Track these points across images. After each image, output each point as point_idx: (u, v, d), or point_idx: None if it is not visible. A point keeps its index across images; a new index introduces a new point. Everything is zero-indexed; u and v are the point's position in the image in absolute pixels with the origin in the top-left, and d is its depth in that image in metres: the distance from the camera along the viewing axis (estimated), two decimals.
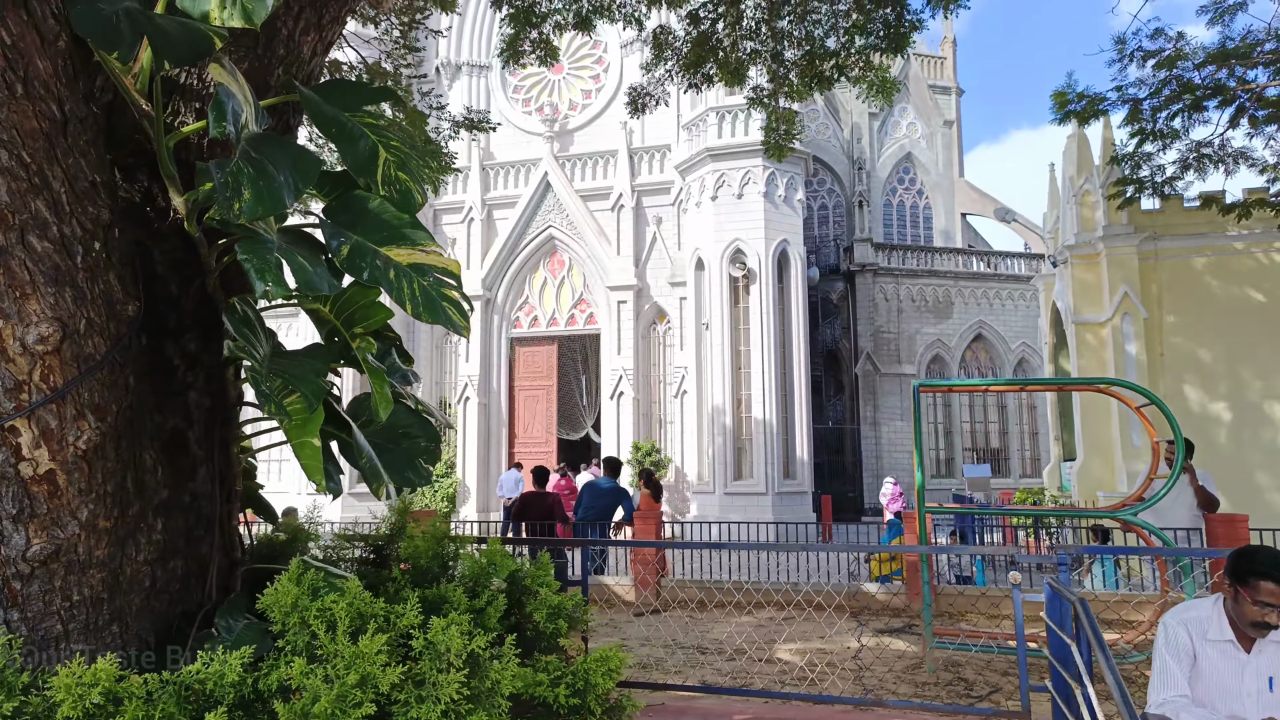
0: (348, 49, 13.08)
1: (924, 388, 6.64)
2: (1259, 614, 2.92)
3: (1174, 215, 13.27)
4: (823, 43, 9.96)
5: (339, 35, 3.60)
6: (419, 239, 2.74)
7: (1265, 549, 3.07)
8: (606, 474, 10.22)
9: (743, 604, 9.59)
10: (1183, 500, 8.69)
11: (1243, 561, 2.99)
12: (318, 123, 2.73)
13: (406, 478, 3.08)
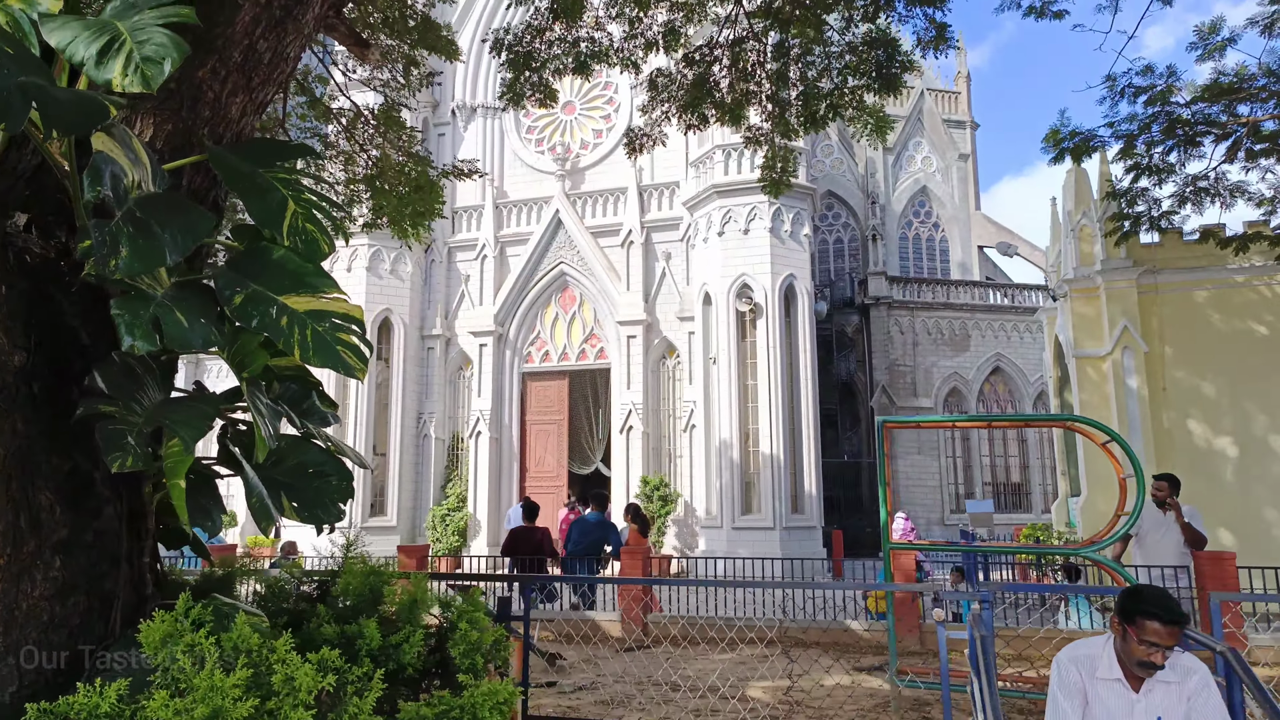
0: (367, 92, 13.54)
1: (889, 424, 6.68)
2: (1145, 653, 2.94)
3: (1173, 249, 13.21)
4: (816, 84, 10.14)
5: (276, 95, 3.81)
6: (322, 286, 2.90)
7: (1152, 588, 3.09)
8: (594, 509, 10.29)
9: (728, 640, 9.56)
10: (1170, 538, 8.60)
11: (1130, 601, 3.02)
12: (226, 178, 2.91)
13: (316, 515, 3.20)
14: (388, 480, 22.57)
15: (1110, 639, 3.10)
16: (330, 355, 2.75)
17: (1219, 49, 12.08)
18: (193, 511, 2.56)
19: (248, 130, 3.59)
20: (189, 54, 3.02)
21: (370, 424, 22.41)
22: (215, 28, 3.37)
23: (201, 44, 3.35)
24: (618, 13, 10.17)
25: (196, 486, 2.73)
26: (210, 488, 2.81)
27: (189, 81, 3.27)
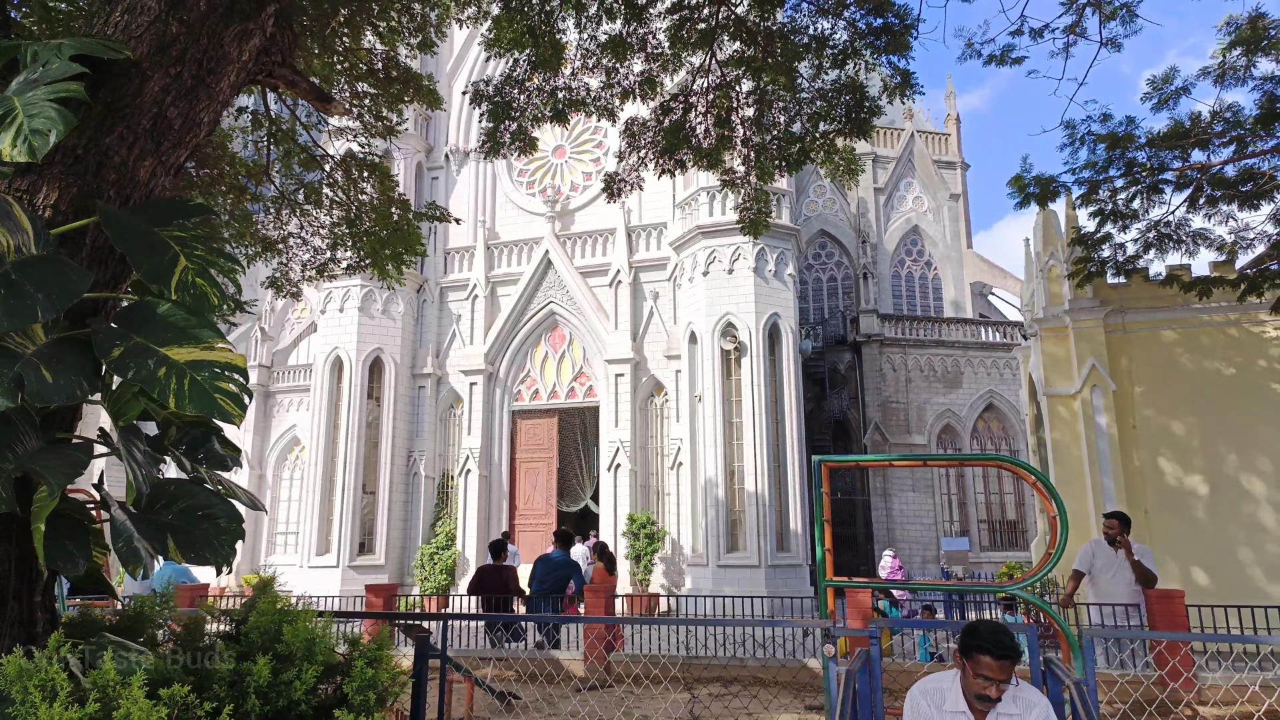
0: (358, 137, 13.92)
1: (827, 463, 6.81)
2: (980, 686, 3.06)
3: (1140, 289, 13.38)
4: (788, 129, 10.43)
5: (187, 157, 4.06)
6: (205, 337, 3.11)
7: (988, 623, 3.22)
8: (558, 547, 10.39)
9: (689, 680, 9.59)
10: (1122, 576, 8.66)
11: (966, 636, 3.15)
12: (114, 237, 3.14)
13: (203, 556, 3.37)
14: (376, 519, 22.66)
15: (959, 673, 3.23)
16: (206, 402, 2.94)
17: (1173, 97, 12.39)
18: (53, 553, 2.74)
19: (159, 190, 3.83)
20: (77, 124, 3.28)
21: (360, 462, 22.57)
22: (124, 97, 3.63)
23: (111, 112, 3.61)
24: (595, 63, 10.51)
25: (62, 529, 2.90)
26: (77, 531, 2.98)
27: (96, 147, 3.52)
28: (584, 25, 10.10)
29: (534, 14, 9.88)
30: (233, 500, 3.52)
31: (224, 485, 3.57)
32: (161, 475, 3.49)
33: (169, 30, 3.74)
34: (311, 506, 22.76)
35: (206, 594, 11.38)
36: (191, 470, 3.47)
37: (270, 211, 12.69)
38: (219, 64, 3.95)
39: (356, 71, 11.26)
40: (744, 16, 9.49)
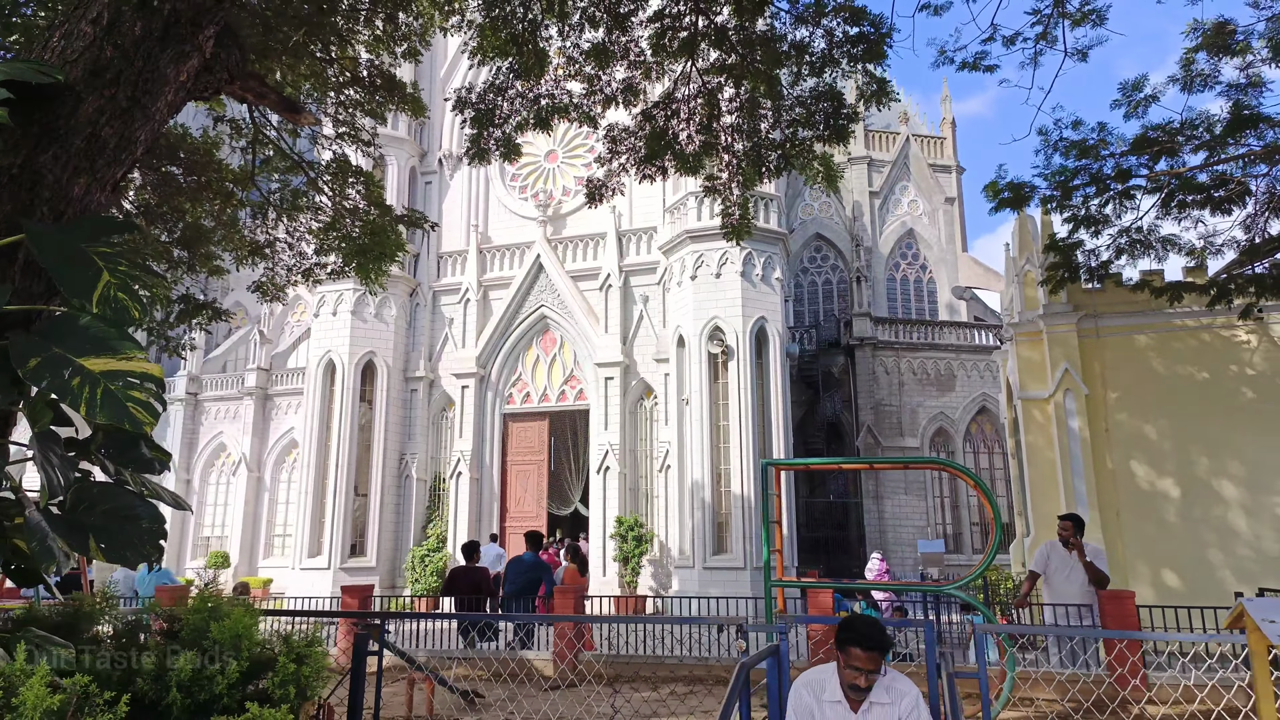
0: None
1: (773, 465, 6.99)
2: (851, 677, 3.24)
3: (1114, 294, 13.51)
4: (768, 135, 10.60)
5: (125, 173, 4.27)
6: (123, 349, 3.31)
7: (861, 618, 3.39)
8: (529, 548, 10.58)
9: (655, 679, 9.76)
10: (1075, 577, 8.80)
11: (841, 630, 3.33)
12: (39, 253, 3.34)
13: (124, 556, 3.55)
14: (368, 521, 22.90)
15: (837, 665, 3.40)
16: (117, 410, 3.14)
17: (1143, 104, 12.54)
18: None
19: (95, 206, 4.03)
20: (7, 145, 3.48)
21: (352, 465, 22.80)
22: (59, 119, 3.84)
23: (46, 133, 3.82)
24: (577, 71, 10.68)
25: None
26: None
27: (30, 166, 3.72)
28: (567, 33, 10.27)
29: (517, 22, 10.07)
30: (156, 502, 3.71)
31: (148, 488, 3.76)
32: (91, 478, 3.69)
33: (103, 54, 3.94)
34: (304, 509, 23.00)
35: (188, 595, 11.59)
36: (115, 474, 3.67)
37: (256, 217, 12.90)
38: (155, 85, 4.15)
39: (342, 80, 11.47)
40: (725, 24, 9.66)
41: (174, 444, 34.15)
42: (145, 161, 11.07)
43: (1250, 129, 11.79)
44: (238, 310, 39.51)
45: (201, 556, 32.49)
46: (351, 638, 10.28)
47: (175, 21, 4.17)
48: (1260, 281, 12.24)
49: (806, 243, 36.30)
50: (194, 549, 33.19)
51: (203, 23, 4.32)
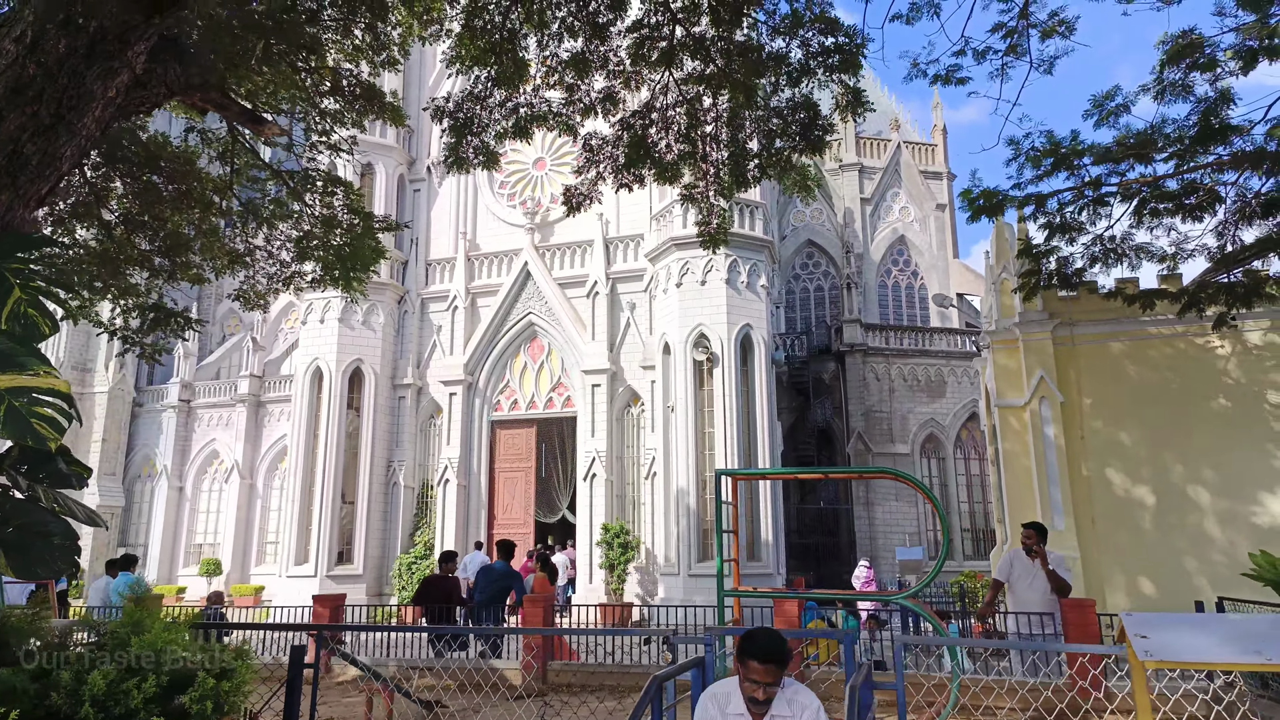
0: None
1: (725, 474, 7.01)
2: (749, 689, 3.27)
3: (1089, 302, 13.53)
4: (745, 145, 10.65)
5: (51, 189, 4.32)
6: (30, 365, 3.35)
7: (762, 631, 3.42)
8: (500, 557, 10.60)
9: (620, 689, 9.76)
10: (1038, 585, 8.81)
11: (741, 643, 3.35)
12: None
13: (34, 571, 3.60)
14: (355, 529, 22.92)
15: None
16: (21, 426, 3.18)
17: (1115, 114, 12.59)
18: None
19: (18, 222, 4.08)
20: None
21: (339, 472, 22.83)
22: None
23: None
24: (557, 80, 10.72)
25: None
26: None
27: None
28: (546, 42, 10.31)
29: (496, 31, 10.11)
30: (69, 518, 3.75)
31: (60, 504, 3.80)
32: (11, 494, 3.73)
33: (26, 72, 3.99)
34: (291, 516, 23.03)
35: (161, 605, 11.62)
36: (28, 489, 3.70)
37: (235, 225, 12.92)
38: (81, 101, 4.20)
39: (322, 89, 11.50)
40: (704, 34, 9.70)
41: (166, 451, 34.22)
42: (127, 170, 11.15)
43: (1219, 140, 11.86)
44: (231, 318, 39.61)
45: (194, 564, 32.50)
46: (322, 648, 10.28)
47: (101, 39, 4.21)
48: (1232, 290, 12.27)
49: (799, 249, 36.37)
50: (187, 556, 33.21)
51: (131, 39, 4.37)
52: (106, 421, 35.01)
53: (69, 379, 35.17)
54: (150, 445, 35.62)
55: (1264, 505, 12.42)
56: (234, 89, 8.25)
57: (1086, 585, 12.81)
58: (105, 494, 34.21)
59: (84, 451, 34.67)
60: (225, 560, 31.51)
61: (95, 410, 34.97)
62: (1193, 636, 2.65)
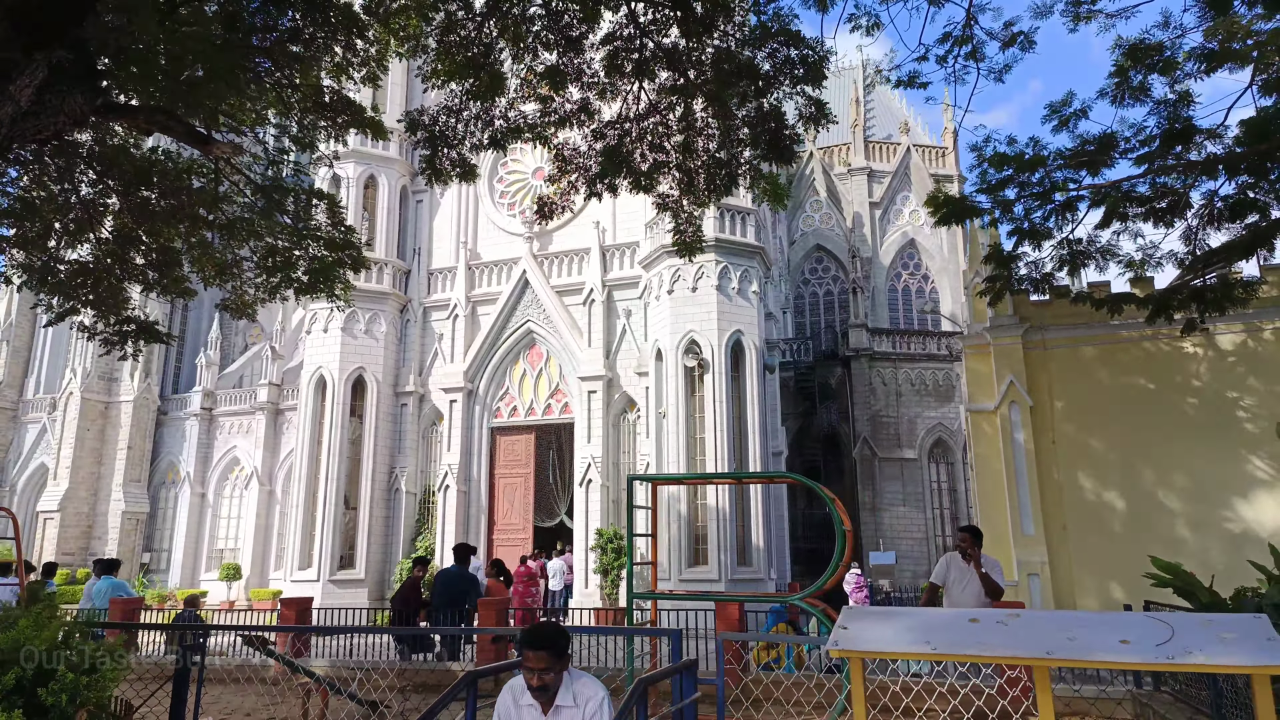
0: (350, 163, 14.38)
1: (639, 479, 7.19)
2: (527, 677, 3.47)
3: (1060, 306, 13.47)
4: (716, 154, 10.86)
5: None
6: None
7: (545, 625, 3.62)
8: (456, 562, 10.86)
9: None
10: (971, 588, 8.86)
11: (521, 634, 3.55)
12: None
13: None
14: (358, 534, 23.38)
15: None
16: None
17: (1074, 118, 12.58)
18: None
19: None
20: None
21: (342, 478, 23.33)
22: None
23: None
24: (531, 92, 11.00)
25: None
26: None
27: None
28: (521, 56, 10.59)
29: (473, 46, 10.42)
30: None
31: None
32: None
33: None
34: (295, 521, 23.57)
35: (140, 607, 12.09)
36: None
37: (223, 238, 13.35)
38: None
39: (306, 105, 11.89)
40: (675, 46, 9.90)
41: (189, 458, 35.10)
42: (123, 188, 11.63)
43: (1183, 143, 11.83)
44: (253, 327, 40.56)
45: (216, 568, 33.29)
46: (294, 649, 10.60)
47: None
48: (1200, 295, 12.18)
49: (807, 254, 36.32)
50: (209, 561, 34.01)
51: (13, 75, 4.70)
52: (132, 429, 36.03)
53: (96, 388, 36.30)
54: (174, 452, 36.60)
55: (1235, 510, 12.29)
56: (179, 109, 8.59)
57: (1056, 590, 12.78)
58: (131, 500, 35.24)
59: (110, 458, 35.78)
60: (245, 565, 32.21)
61: (121, 419, 36.04)
62: (882, 628, 2.79)
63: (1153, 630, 2.54)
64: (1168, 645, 2.45)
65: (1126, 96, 11.89)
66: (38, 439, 37.41)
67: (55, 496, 34.60)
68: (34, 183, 11.97)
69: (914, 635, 2.67)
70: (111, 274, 12.66)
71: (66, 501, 34.79)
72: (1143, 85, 11.53)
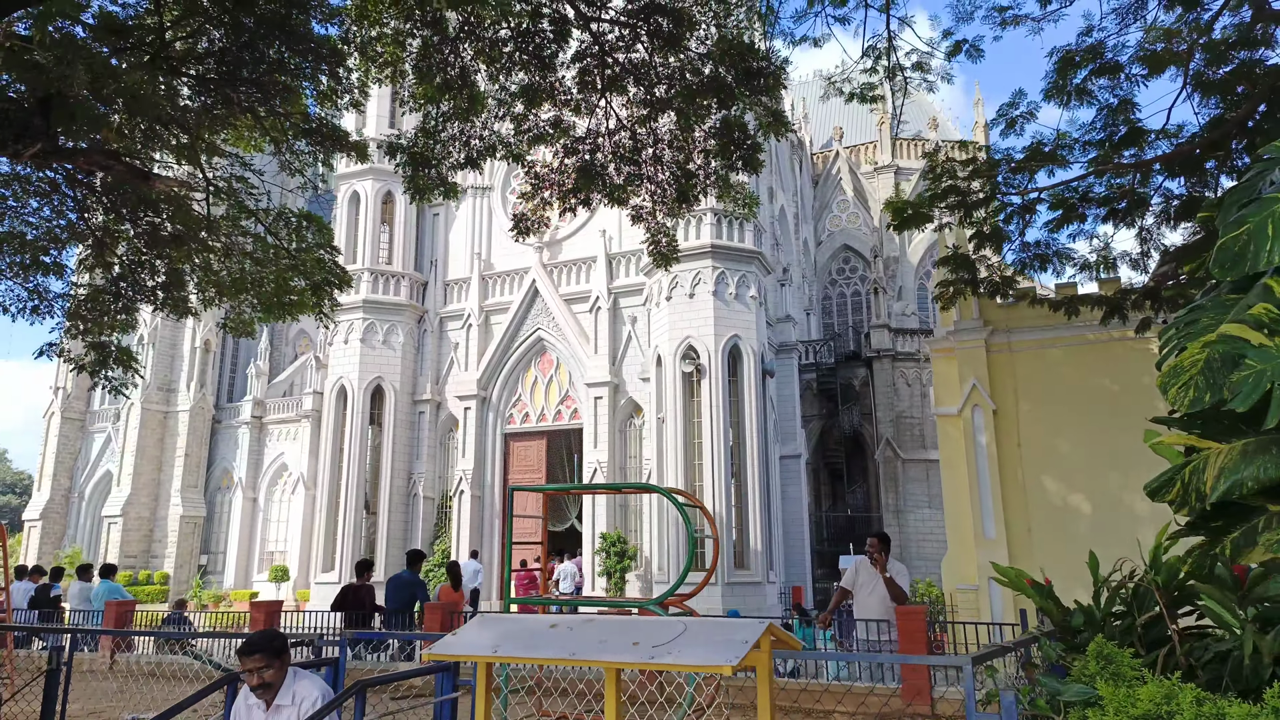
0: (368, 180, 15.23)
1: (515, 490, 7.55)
2: (246, 678, 3.88)
3: (1025, 309, 13.33)
4: (685, 166, 11.24)
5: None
6: None
7: (261, 631, 4.01)
8: (409, 567, 11.39)
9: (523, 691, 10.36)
10: (877, 593, 8.98)
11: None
12: None
13: None
14: (377, 538, 24.30)
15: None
16: None
17: (1023, 119, 12.51)
18: None
19: None
20: None
21: (362, 484, 24.28)
22: None
23: None
24: (507, 111, 11.51)
25: None
26: None
27: None
28: (495, 76, 11.12)
29: (449, 69, 10.98)
30: None
31: None
32: None
33: None
34: (319, 526, 24.62)
35: (134, 609, 12.94)
36: None
37: (222, 260, 14.19)
38: None
39: (294, 131, 12.61)
40: (643, 61, 10.29)
41: (241, 464, 36.79)
42: (134, 215, 12.56)
43: (1134, 144, 11.74)
44: (302, 338, 42.28)
45: (266, 570, 34.82)
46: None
47: None
48: (1154, 294, 11.99)
49: (834, 254, 36.06)
50: (260, 563, 35.60)
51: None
52: (189, 437, 37.91)
53: (156, 398, 38.37)
54: (228, 459, 38.39)
55: None
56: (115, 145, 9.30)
57: (1018, 594, 12.64)
58: (188, 505, 37.10)
59: (169, 465, 37.78)
60: (292, 566, 33.61)
61: (179, 427, 37.99)
62: (480, 635, 3.09)
63: (664, 631, 2.81)
64: (663, 646, 2.72)
65: (1071, 99, 11.84)
66: (103, 447, 39.68)
67: (119, 502, 36.62)
68: (54, 213, 12.95)
69: (493, 641, 2.98)
70: (125, 296, 13.61)
71: (129, 506, 36.76)
72: (1081, 88, 11.47)
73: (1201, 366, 3.27)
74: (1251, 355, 3.10)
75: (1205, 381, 3.24)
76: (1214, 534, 3.43)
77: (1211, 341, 3.30)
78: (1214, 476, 3.25)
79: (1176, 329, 3.63)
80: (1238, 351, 3.17)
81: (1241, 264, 3.24)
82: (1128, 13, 10.25)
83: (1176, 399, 3.32)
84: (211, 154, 12.20)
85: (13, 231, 13.02)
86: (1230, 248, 3.28)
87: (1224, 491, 3.11)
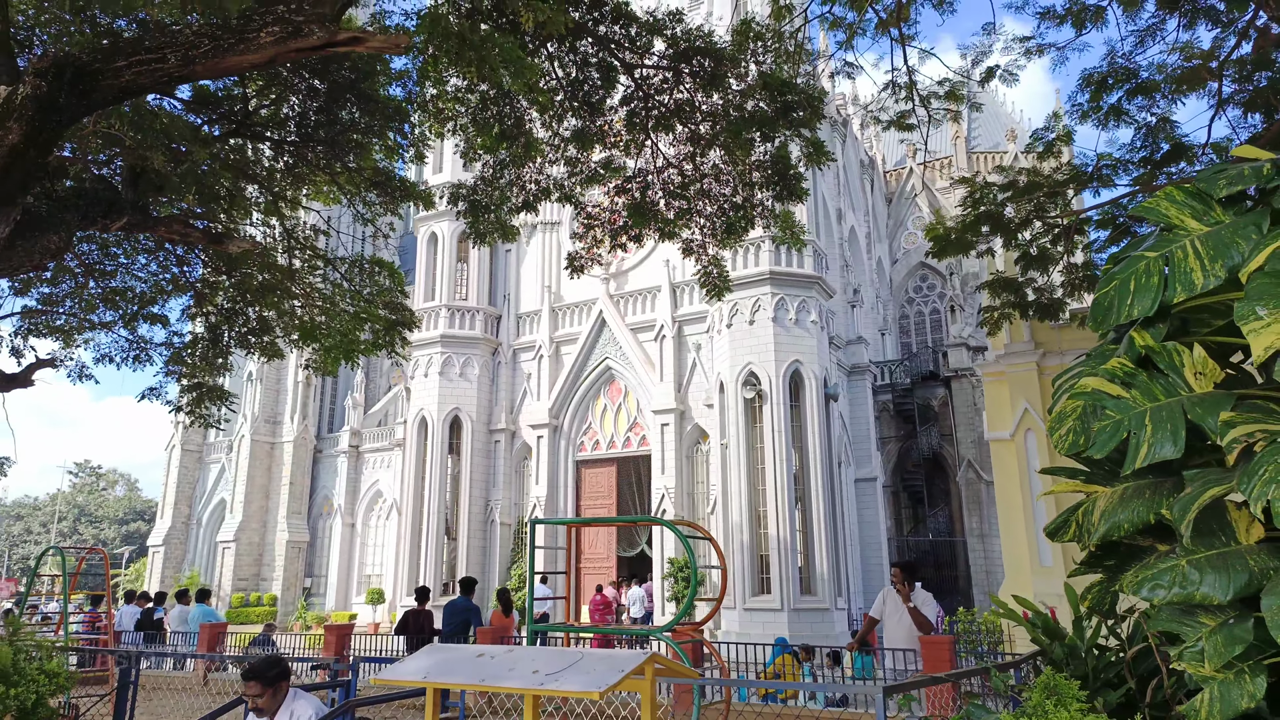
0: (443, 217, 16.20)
1: (537, 523, 8.02)
2: (248, 703, 4.44)
3: (1077, 331, 13.09)
4: (731, 198, 11.76)
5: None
6: None
7: (260, 659, 4.56)
8: (462, 593, 12.00)
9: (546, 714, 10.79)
10: (902, 622, 9.04)
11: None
12: None
13: None
14: (457, 562, 25.26)
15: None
16: None
17: (1058, 142, 12.42)
18: None
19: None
20: None
21: (443, 511, 25.32)
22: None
23: None
24: (560, 155, 12.27)
25: None
26: None
27: None
28: (549, 124, 11.89)
29: (506, 119, 11.82)
30: None
31: None
32: None
33: None
34: (403, 551, 25.76)
35: (224, 631, 14.03)
36: None
37: (305, 305, 15.41)
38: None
39: (367, 184, 13.66)
40: (688, 100, 10.85)
41: (340, 491, 38.75)
42: (231, 268, 13.84)
43: (1183, 159, 11.59)
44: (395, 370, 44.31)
45: (364, 593, 36.49)
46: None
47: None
48: None
49: (910, 272, 35.51)
50: (358, 586, 37.31)
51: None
52: (293, 467, 40.17)
53: (263, 430, 40.83)
54: (328, 486, 40.46)
55: None
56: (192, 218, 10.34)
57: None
58: (293, 530, 39.26)
59: (276, 493, 40.11)
60: (387, 589, 35.15)
61: (284, 457, 40.32)
62: (424, 662, 3.53)
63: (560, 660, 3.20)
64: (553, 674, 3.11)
65: (1109, 119, 11.74)
66: (218, 477, 42.39)
67: (231, 528, 39.01)
68: (160, 267, 14.35)
69: (425, 668, 3.43)
70: (221, 341, 14.89)
71: (240, 532, 39.10)
72: (1116, 108, 11.37)
73: (1079, 414, 3.51)
74: (1110, 406, 3.33)
75: (1081, 427, 3.47)
76: (1110, 571, 3.62)
77: (1081, 393, 3.54)
78: (1097, 519, 3.46)
79: (1066, 377, 3.86)
80: (1099, 402, 3.40)
81: (1110, 318, 3.47)
82: (1145, 35, 10.15)
83: (1059, 444, 3.56)
84: (294, 208, 13.41)
85: (124, 286, 14.45)
86: (1101, 303, 3.51)
87: (1104, 533, 3.33)
